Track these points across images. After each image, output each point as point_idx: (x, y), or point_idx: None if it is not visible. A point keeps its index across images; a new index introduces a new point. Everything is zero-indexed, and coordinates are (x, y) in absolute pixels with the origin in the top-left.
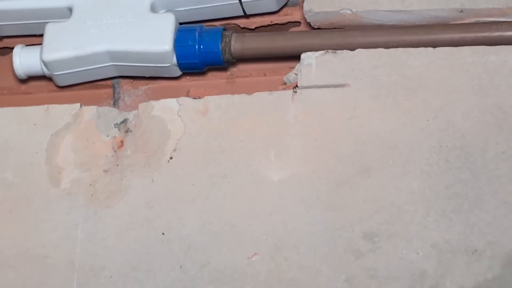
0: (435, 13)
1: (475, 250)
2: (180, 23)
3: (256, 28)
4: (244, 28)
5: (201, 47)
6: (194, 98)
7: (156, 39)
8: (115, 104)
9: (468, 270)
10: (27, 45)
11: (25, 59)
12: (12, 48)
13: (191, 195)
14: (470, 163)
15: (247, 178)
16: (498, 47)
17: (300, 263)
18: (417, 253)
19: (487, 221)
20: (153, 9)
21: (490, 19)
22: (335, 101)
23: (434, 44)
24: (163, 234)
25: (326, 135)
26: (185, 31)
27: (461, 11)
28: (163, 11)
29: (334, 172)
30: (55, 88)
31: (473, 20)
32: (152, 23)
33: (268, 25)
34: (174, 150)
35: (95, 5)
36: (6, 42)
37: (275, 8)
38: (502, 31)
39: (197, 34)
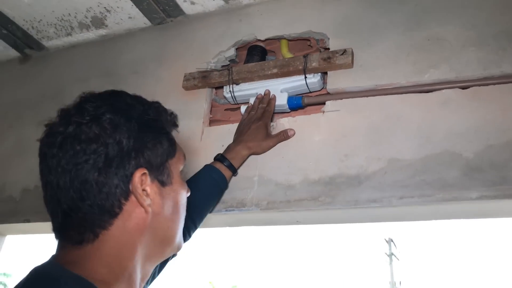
0: None
1: None
2: (289, 96)
3: (314, 95)
4: (309, 95)
5: (294, 101)
6: (293, 117)
7: (282, 99)
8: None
9: None
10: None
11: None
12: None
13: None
14: None
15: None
16: None
17: None
18: None
19: None
20: (282, 91)
21: None
22: (346, 116)
23: None
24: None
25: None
26: (290, 97)
27: None
28: (285, 92)
29: None
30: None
31: None
32: (281, 95)
33: (317, 95)
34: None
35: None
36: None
37: (319, 88)
38: None
39: (294, 98)
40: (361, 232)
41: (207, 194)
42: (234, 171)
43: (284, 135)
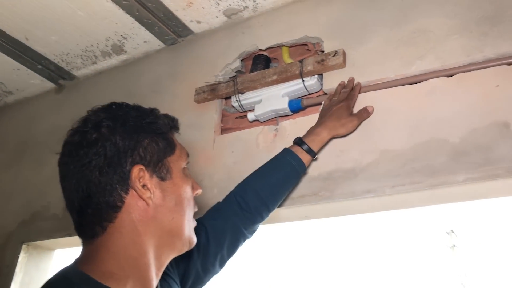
0: None
1: None
2: (290, 99)
3: (312, 97)
4: (309, 97)
5: (294, 104)
6: (294, 119)
7: (283, 103)
8: (277, 124)
9: None
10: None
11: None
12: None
13: None
14: None
15: None
16: None
17: None
18: None
19: None
20: (283, 96)
21: None
22: None
23: None
24: None
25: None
26: (290, 100)
27: None
28: (286, 96)
29: None
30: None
31: None
32: (282, 99)
33: (316, 96)
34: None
35: (269, 98)
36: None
37: (318, 89)
38: None
39: (294, 101)
40: (417, 225)
41: (281, 178)
42: (313, 155)
43: (365, 113)
